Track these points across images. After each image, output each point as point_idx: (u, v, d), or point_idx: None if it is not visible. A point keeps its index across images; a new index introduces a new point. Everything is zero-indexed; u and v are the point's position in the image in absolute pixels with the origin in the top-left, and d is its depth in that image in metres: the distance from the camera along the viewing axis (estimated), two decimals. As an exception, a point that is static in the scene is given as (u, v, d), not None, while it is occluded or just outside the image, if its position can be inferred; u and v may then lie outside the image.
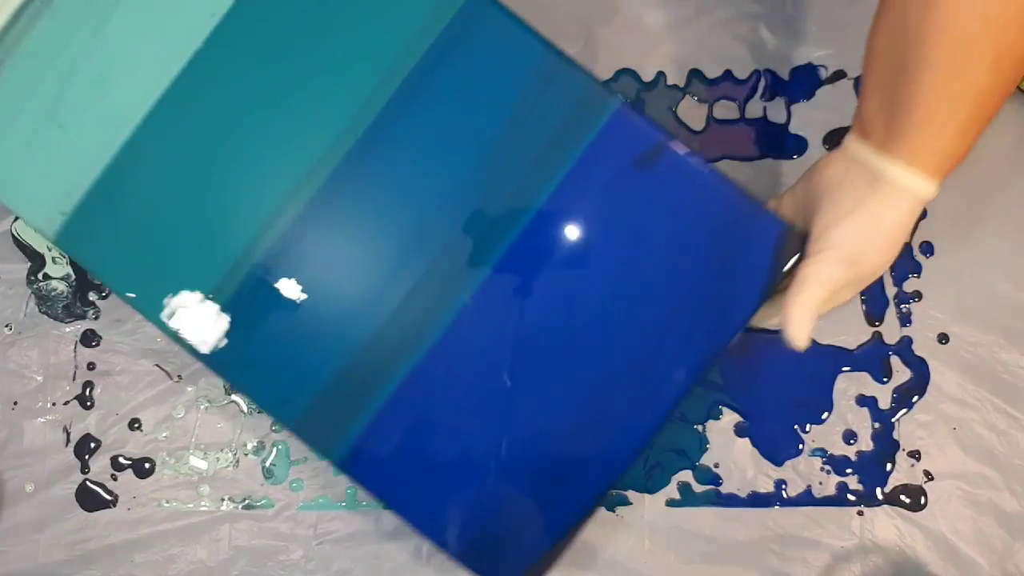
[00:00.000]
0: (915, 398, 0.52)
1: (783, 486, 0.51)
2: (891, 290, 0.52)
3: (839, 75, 0.53)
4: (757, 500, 0.51)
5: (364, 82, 0.43)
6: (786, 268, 0.42)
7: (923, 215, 0.53)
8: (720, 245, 0.43)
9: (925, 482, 0.51)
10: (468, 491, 0.44)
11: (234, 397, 0.52)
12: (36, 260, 0.52)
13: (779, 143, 0.54)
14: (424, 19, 0.43)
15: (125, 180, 0.43)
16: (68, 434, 0.51)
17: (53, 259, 0.52)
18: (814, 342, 0.52)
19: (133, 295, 0.43)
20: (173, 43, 0.43)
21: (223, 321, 0.43)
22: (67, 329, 0.52)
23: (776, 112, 0.53)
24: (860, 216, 0.40)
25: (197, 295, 0.43)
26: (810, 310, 0.41)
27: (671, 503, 0.51)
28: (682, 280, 0.43)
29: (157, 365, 0.52)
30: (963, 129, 0.39)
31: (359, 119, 0.43)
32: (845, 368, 0.52)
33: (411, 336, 0.43)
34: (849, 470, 0.51)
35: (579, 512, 0.44)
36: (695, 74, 0.53)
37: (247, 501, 0.51)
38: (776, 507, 0.51)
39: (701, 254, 0.43)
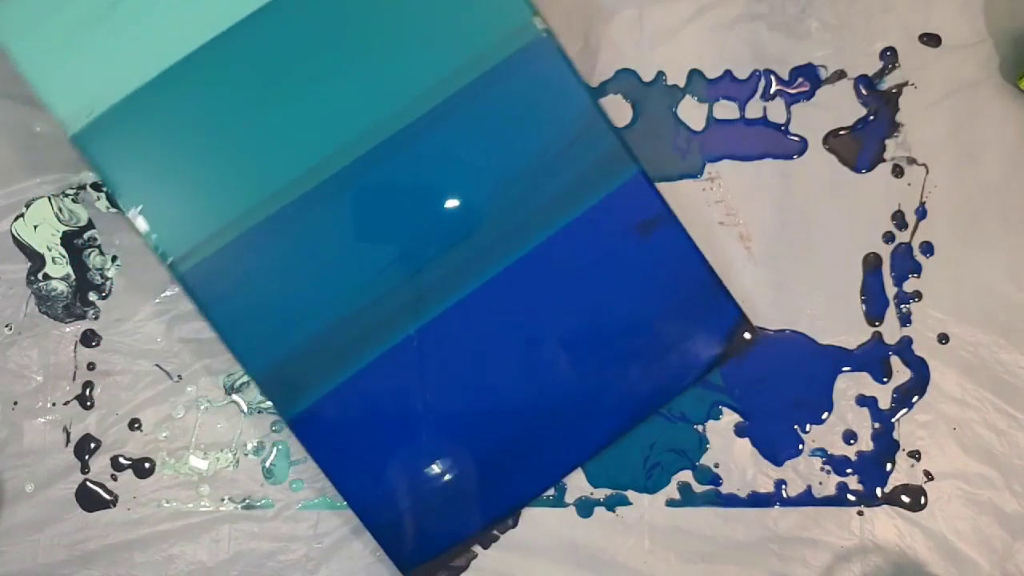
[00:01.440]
0: (915, 398, 0.52)
1: (783, 486, 0.51)
2: (891, 290, 0.53)
3: (839, 75, 0.53)
4: (757, 500, 0.51)
5: (414, 84, 0.46)
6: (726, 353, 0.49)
7: (923, 214, 0.53)
8: (683, 316, 0.48)
9: (925, 482, 0.51)
10: (402, 474, 0.48)
11: (234, 397, 0.52)
12: (36, 260, 0.52)
13: (779, 143, 0.54)
14: (489, 45, 0.46)
15: (157, 104, 0.45)
16: (68, 434, 0.51)
17: (53, 259, 0.52)
18: (814, 342, 0.52)
19: (133, 207, 0.46)
20: None
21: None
22: (67, 329, 0.52)
23: (776, 112, 0.53)
24: None
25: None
26: None
27: (671, 503, 0.51)
28: (642, 335, 0.48)
29: (157, 365, 0.52)
30: None
31: (400, 114, 0.46)
32: (845, 368, 0.52)
33: (389, 324, 0.47)
34: (849, 470, 0.51)
35: (493, 515, 0.49)
36: (695, 74, 0.53)
37: (247, 501, 0.51)
38: (776, 507, 0.51)
39: (665, 318, 0.48)
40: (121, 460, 0.51)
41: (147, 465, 0.51)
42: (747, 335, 0.49)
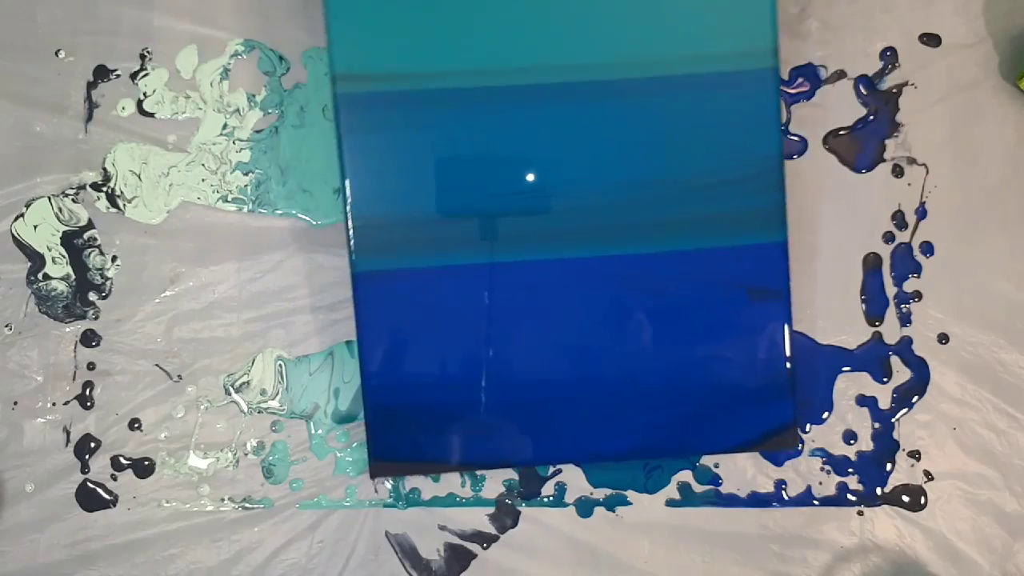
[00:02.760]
0: (915, 398, 0.52)
1: (783, 486, 0.51)
2: (891, 290, 0.53)
3: (839, 75, 0.53)
4: (757, 500, 0.51)
5: (637, 47, 0.47)
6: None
7: (923, 215, 0.53)
8: (743, 392, 0.48)
9: (925, 482, 0.51)
10: (422, 379, 0.48)
11: (234, 397, 0.52)
12: (36, 260, 0.52)
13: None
14: (721, 50, 0.47)
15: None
16: (68, 434, 0.51)
17: (53, 259, 0.52)
18: (814, 342, 0.52)
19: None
20: None
21: None
22: (67, 329, 0.52)
23: (776, 112, 0.53)
24: None
25: None
26: None
27: (671, 503, 0.51)
28: (696, 385, 0.48)
29: (157, 365, 0.52)
30: None
31: (608, 66, 0.47)
32: (845, 368, 0.52)
33: (481, 243, 0.48)
34: (849, 470, 0.51)
35: (480, 460, 0.49)
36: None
37: (247, 501, 0.51)
38: (776, 507, 0.51)
39: (726, 384, 0.48)
40: (121, 460, 0.51)
41: (147, 465, 0.51)
42: (789, 440, 0.49)
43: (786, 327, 0.48)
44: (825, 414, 0.52)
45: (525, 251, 0.48)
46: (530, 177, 0.48)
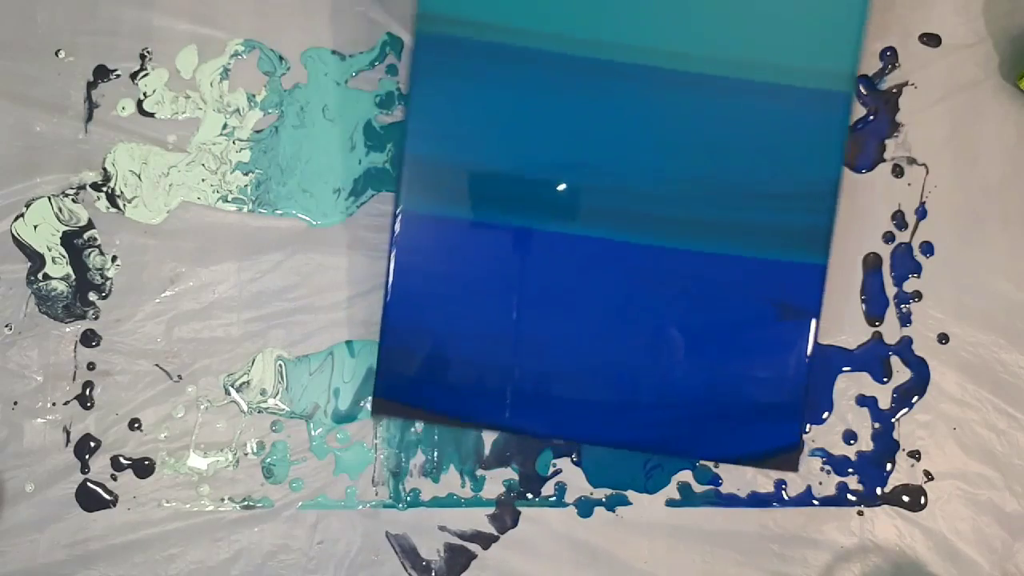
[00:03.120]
0: (915, 398, 0.52)
1: (783, 486, 0.51)
2: (891, 290, 0.53)
3: (839, 75, 0.53)
4: (757, 500, 0.51)
5: (721, 44, 0.48)
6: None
7: (923, 214, 0.53)
8: (756, 406, 0.48)
9: (925, 482, 0.51)
10: (444, 327, 0.48)
11: (234, 397, 0.52)
12: (36, 260, 0.52)
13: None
14: (802, 65, 0.48)
15: None
16: (68, 434, 0.51)
17: (53, 259, 0.52)
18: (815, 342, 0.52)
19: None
20: None
21: None
22: (67, 329, 0.52)
23: (776, 112, 0.53)
24: None
25: None
26: None
27: (671, 503, 0.51)
28: (708, 389, 0.48)
29: (157, 365, 0.52)
30: None
31: (688, 58, 0.48)
32: (845, 368, 0.52)
33: (527, 206, 0.49)
34: (849, 470, 0.51)
35: (483, 419, 0.49)
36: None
37: (247, 501, 0.51)
38: (776, 507, 0.51)
39: (739, 395, 0.48)
40: (121, 460, 0.51)
41: (147, 465, 0.51)
42: (790, 462, 0.48)
43: (807, 346, 0.48)
44: (825, 414, 0.52)
45: (568, 224, 0.48)
46: (588, 152, 0.48)
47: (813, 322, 0.48)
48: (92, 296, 0.52)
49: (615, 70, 0.48)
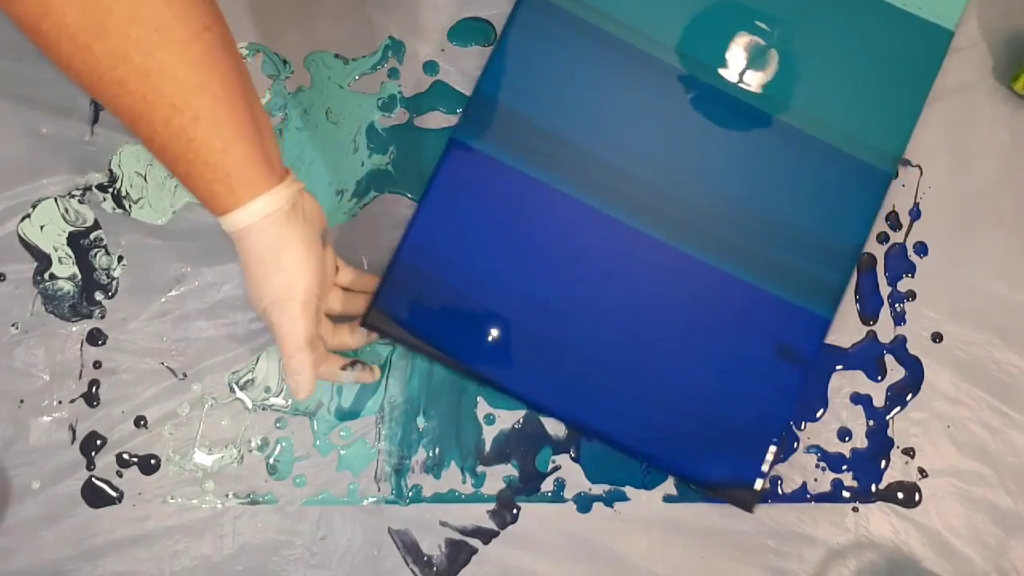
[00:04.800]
0: (909, 396, 0.52)
1: (778, 483, 0.52)
2: (885, 289, 0.53)
3: (834, 78, 0.54)
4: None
5: (786, 89, 0.52)
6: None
7: (917, 215, 0.53)
8: (729, 433, 0.49)
9: (919, 479, 0.52)
10: (462, 270, 0.50)
11: (239, 394, 0.52)
12: (42, 260, 0.53)
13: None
14: (853, 133, 0.51)
15: None
16: (74, 432, 0.52)
17: (59, 259, 0.53)
18: (810, 341, 0.52)
19: None
20: None
21: None
22: (73, 328, 0.52)
23: (772, 114, 0.54)
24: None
25: None
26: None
27: (668, 499, 0.51)
28: (692, 405, 0.50)
29: (162, 363, 0.52)
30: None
31: (751, 94, 0.52)
32: (839, 366, 0.52)
33: (584, 183, 0.51)
34: (844, 467, 0.52)
35: (481, 369, 0.50)
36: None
37: (251, 497, 0.51)
38: (771, 503, 0.51)
39: (716, 418, 0.49)
40: (126, 457, 0.51)
41: (152, 462, 0.51)
42: (745, 500, 0.49)
43: (799, 392, 0.50)
44: (820, 412, 0.52)
45: (606, 204, 0.51)
46: (648, 148, 0.51)
47: (805, 370, 0.50)
48: (98, 296, 0.53)
49: (694, 85, 0.52)
